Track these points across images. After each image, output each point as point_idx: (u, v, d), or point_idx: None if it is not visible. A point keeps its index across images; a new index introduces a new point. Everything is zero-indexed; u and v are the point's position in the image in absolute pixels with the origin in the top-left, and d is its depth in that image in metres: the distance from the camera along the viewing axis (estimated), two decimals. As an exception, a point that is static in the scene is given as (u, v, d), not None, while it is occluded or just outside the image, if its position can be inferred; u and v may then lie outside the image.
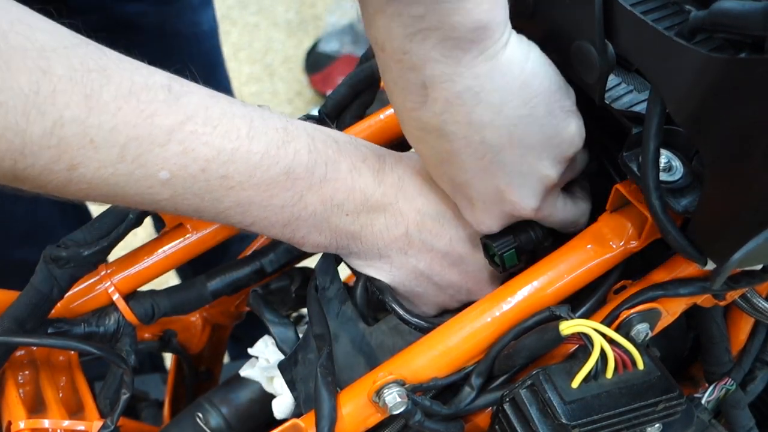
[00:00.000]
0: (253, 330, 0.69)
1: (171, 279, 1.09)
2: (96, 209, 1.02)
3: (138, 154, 0.40)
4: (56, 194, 0.41)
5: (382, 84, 0.57)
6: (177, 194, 0.42)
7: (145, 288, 0.61)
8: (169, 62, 1.15)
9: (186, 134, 0.41)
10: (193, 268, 0.67)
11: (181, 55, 1.06)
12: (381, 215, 0.50)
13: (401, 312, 0.53)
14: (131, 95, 0.39)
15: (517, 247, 0.51)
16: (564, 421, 0.43)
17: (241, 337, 0.93)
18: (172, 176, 0.41)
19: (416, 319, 0.52)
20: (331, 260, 0.56)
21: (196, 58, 1.09)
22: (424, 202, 0.51)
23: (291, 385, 0.52)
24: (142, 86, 0.40)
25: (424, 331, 0.51)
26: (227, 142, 0.42)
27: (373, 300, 0.58)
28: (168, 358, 1.38)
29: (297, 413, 0.55)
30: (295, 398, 0.53)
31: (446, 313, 0.56)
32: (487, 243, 0.51)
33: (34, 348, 0.60)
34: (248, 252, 0.64)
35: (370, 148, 0.51)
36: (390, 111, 0.61)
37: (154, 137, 0.40)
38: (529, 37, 0.46)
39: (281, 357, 0.58)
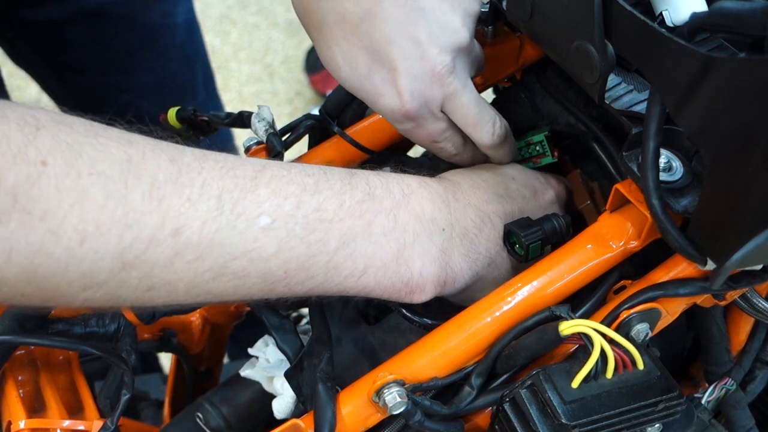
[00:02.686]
0: (253, 330, 0.69)
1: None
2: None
3: (234, 202, 0.40)
4: (165, 287, 0.40)
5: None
6: (282, 243, 0.42)
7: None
8: (142, 53, 1.15)
9: (268, 178, 0.43)
10: None
11: (156, 47, 1.06)
12: (467, 218, 0.51)
13: (404, 310, 0.53)
14: (206, 157, 0.41)
15: (543, 238, 0.51)
16: (564, 421, 0.43)
17: (241, 337, 0.93)
18: (272, 220, 0.42)
19: (418, 317, 0.52)
20: None
21: (172, 50, 1.09)
22: (483, 192, 0.53)
23: (298, 391, 0.52)
24: (211, 153, 0.42)
25: (428, 328, 0.51)
26: (306, 177, 0.44)
27: (374, 299, 0.58)
28: (165, 358, 1.38)
29: (297, 413, 0.56)
30: (302, 403, 0.52)
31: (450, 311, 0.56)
32: (513, 231, 0.51)
33: (34, 348, 0.60)
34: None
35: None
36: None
37: (242, 186, 0.41)
38: (529, 37, 0.46)
39: (281, 357, 0.58)
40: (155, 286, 0.39)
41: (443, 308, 0.57)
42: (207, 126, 0.66)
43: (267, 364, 0.59)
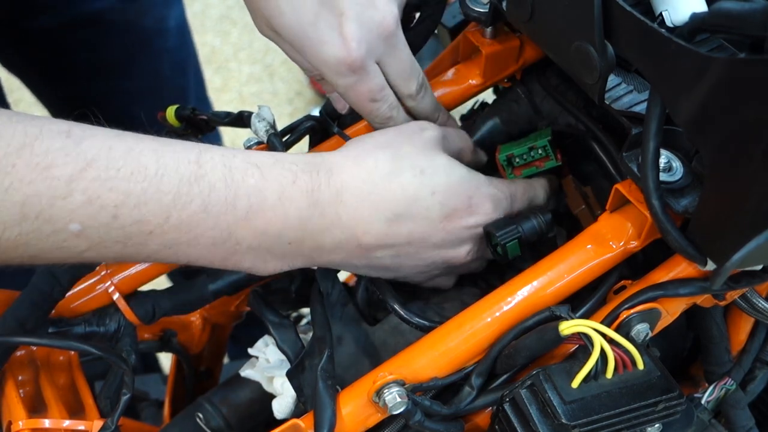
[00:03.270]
0: (253, 330, 0.69)
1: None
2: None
3: (39, 210, 0.38)
4: None
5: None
6: (96, 245, 0.41)
7: (145, 288, 0.61)
8: (135, 58, 1.15)
9: (88, 182, 0.39)
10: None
11: (149, 52, 1.06)
12: (326, 236, 0.48)
13: (402, 312, 0.53)
14: (24, 148, 0.38)
15: (520, 237, 0.51)
16: (564, 421, 0.43)
17: (241, 337, 0.93)
18: (84, 227, 0.40)
19: (417, 319, 0.53)
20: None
21: (164, 54, 1.08)
22: (371, 208, 0.48)
23: (299, 391, 0.52)
24: (36, 136, 0.38)
25: (425, 330, 0.51)
26: (134, 184, 0.40)
27: (374, 299, 0.58)
28: (165, 359, 1.38)
29: (297, 413, 0.56)
30: (303, 404, 0.53)
31: (445, 303, 0.56)
32: (491, 232, 0.51)
33: (34, 348, 0.60)
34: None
35: (301, 164, 0.48)
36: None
37: (53, 190, 0.38)
38: (529, 38, 0.46)
39: (281, 357, 0.58)
40: None
41: (443, 308, 0.57)
42: (206, 125, 0.66)
43: (267, 364, 0.59)
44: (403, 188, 0.49)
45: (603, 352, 0.44)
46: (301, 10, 0.50)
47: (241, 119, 0.62)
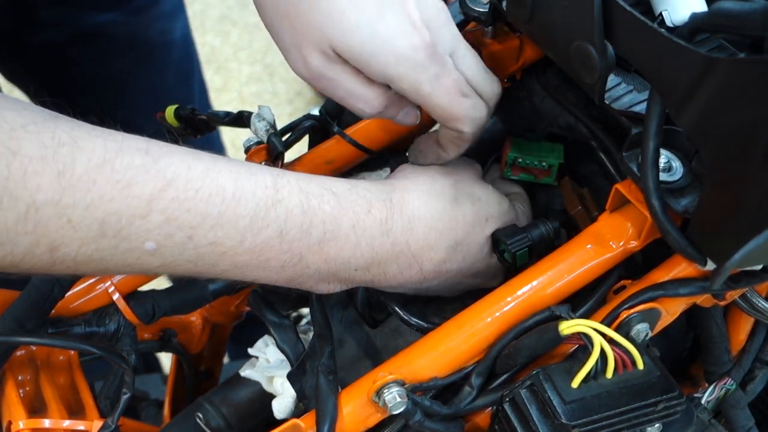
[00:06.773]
0: (253, 330, 0.69)
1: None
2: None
3: (118, 228, 0.38)
4: (46, 274, 0.41)
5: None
6: (168, 262, 0.41)
7: (145, 288, 0.61)
8: (140, 71, 1.14)
9: (167, 202, 0.39)
10: None
11: (154, 65, 1.06)
12: (393, 264, 0.49)
13: (402, 313, 0.53)
14: (105, 164, 0.37)
15: (530, 245, 0.51)
16: (564, 421, 0.43)
17: (241, 337, 0.93)
18: (158, 246, 0.40)
19: (416, 320, 0.53)
20: None
21: (169, 66, 1.08)
22: (437, 237, 0.49)
23: (301, 394, 0.52)
24: (116, 152, 0.38)
25: (424, 331, 0.51)
26: (212, 206, 0.40)
27: (374, 301, 0.58)
28: (165, 359, 1.38)
29: (297, 413, 0.56)
30: (306, 405, 0.53)
31: (445, 304, 0.56)
32: (500, 239, 0.51)
33: (34, 348, 0.60)
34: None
35: (375, 191, 0.48)
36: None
37: (133, 209, 0.38)
38: (529, 38, 0.46)
39: (281, 357, 0.58)
40: (39, 273, 0.40)
41: (443, 309, 0.57)
42: (205, 125, 0.66)
43: (267, 364, 0.60)
44: (464, 216, 0.51)
45: (603, 352, 0.44)
46: (364, 6, 0.45)
47: (241, 119, 0.62)
